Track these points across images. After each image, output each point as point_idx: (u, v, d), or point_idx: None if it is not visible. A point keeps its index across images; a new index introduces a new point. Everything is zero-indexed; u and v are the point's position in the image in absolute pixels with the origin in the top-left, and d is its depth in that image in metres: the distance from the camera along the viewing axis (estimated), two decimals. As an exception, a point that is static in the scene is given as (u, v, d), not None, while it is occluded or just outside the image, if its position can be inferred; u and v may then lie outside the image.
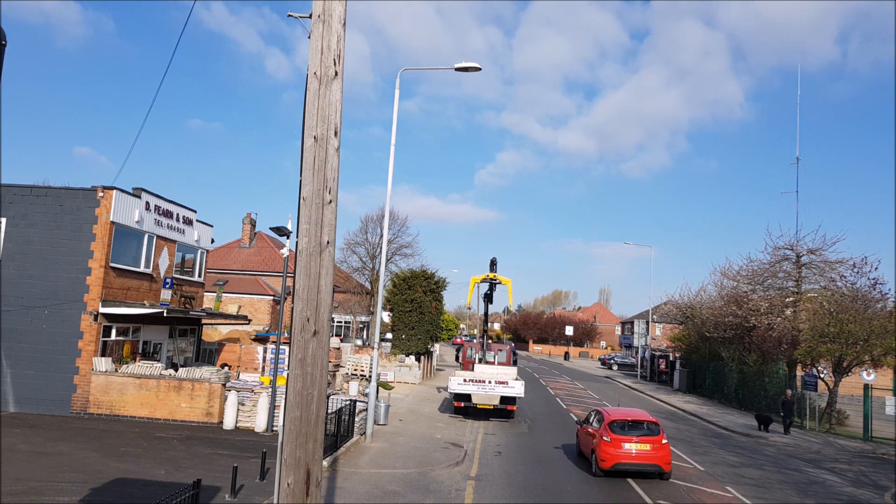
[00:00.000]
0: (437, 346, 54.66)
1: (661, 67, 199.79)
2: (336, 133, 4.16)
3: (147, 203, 22.66)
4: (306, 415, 3.91)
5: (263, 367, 26.84)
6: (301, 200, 4.11)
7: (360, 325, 68.00)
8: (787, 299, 35.23)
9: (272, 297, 43.21)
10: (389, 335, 43.63)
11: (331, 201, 4.12)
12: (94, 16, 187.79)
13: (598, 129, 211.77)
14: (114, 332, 21.27)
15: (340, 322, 70.27)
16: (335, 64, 4.16)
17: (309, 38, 4.20)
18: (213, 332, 34.98)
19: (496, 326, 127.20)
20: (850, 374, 29.98)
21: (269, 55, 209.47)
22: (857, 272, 31.82)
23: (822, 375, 31.39)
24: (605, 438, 16.26)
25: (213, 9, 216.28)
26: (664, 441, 16.36)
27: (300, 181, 4.12)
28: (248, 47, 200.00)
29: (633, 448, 16.05)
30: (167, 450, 15.96)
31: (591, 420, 18.19)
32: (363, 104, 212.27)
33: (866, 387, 28.54)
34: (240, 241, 51.16)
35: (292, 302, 4.05)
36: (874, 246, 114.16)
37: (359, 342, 47.84)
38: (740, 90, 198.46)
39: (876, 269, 31.90)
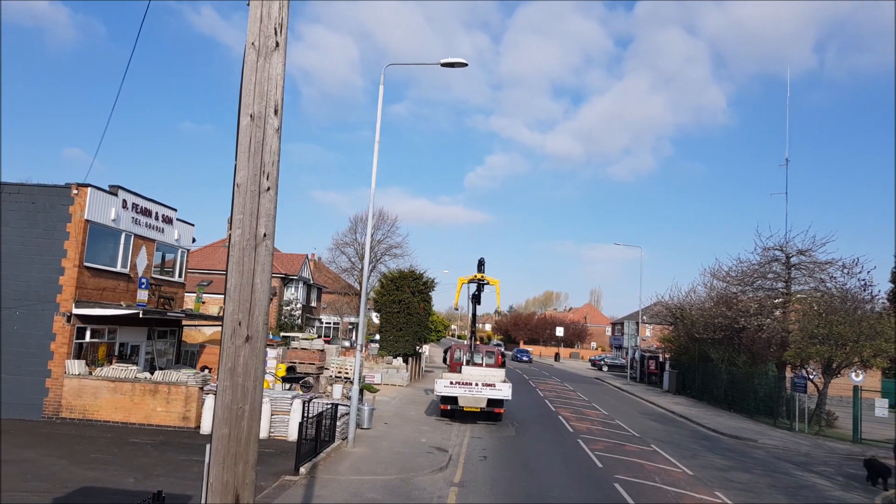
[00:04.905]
0: (426, 347, 54.04)
1: (646, 73, 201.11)
2: (276, 112, 3.68)
3: (124, 201, 22.02)
4: (236, 432, 3.38)
5: (245, 370, 26.23)
6: (235, 187, 3.61)
7: (350, 327, 67.33)
8: (777, 300, 35.01)
9: (258, 298, 42.55)
10: (377, 336, 43.06)
11: (269, 188, 3.63)
12: (83, 19, 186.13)
13: (585, 133, 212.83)
14: (88, 333, 20.60)
15: (329, 323, 69.62)
16: (276, 34, 3.68)
17: (248, 4, 3.73)
18: (197, 334, 34.33)
19: (487, 328, 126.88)
20: (839, 375, 29.77)
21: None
22: (847, 273, 31.65)
23: (811, 377, 31.14)
24: None
25: (204, 13, 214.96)
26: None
27: (235, 166, 3.63)
28: (239, 51, 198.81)
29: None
30: (139, 456, 15.38)
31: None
32: (354, 108, 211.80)
33: (856, 388, 28.36)
34: (225, 241, 50.43)
35: (223, 303, 3.58)
36: (865, 247, 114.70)
37: (346, 343, 47.19)
38: (723, 96, 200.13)
39: (869, 272, 31.64)
